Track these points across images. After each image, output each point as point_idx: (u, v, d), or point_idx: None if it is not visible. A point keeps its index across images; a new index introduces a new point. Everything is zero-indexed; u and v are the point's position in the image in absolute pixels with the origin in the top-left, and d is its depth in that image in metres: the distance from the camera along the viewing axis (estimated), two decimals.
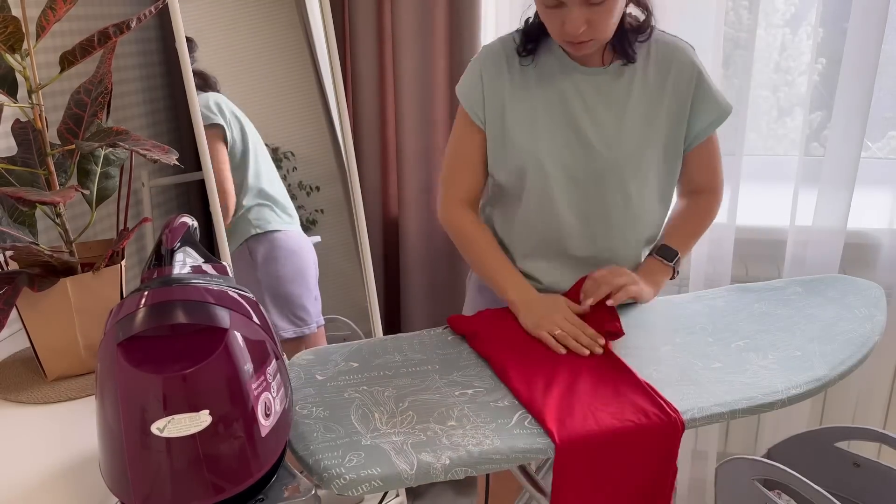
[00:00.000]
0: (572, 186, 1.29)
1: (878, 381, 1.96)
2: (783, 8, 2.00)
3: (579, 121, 1.26)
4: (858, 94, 1.74)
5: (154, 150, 1.07)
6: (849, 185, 1.80)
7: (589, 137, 1.26)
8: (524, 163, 1.28)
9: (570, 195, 1.29)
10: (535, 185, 1.29)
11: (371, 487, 0.87)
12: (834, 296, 1.37)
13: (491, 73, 1.29)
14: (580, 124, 1.26)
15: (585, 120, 1.26)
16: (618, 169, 1.27)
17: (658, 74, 1.27)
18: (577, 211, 1.31)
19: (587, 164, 1.27)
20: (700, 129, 1.31)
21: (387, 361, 1.16)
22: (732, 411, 1.03)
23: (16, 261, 1.12)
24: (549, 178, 1.28)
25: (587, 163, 1.27)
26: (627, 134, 1.26)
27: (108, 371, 0.79)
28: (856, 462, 1.58)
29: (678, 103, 1.28)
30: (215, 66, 1.80)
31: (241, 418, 0.79)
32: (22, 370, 1.20)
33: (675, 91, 1.27)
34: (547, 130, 1.26)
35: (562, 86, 1.27)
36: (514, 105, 1.28)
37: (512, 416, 1.01)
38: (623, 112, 1.26)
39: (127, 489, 0.78)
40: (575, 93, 1.26)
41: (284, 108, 1.94)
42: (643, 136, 1.27)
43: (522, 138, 1.27)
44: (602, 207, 1.30)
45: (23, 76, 1.08)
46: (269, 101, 1.92)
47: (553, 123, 1.26)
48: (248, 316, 0.85)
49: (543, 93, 1.27)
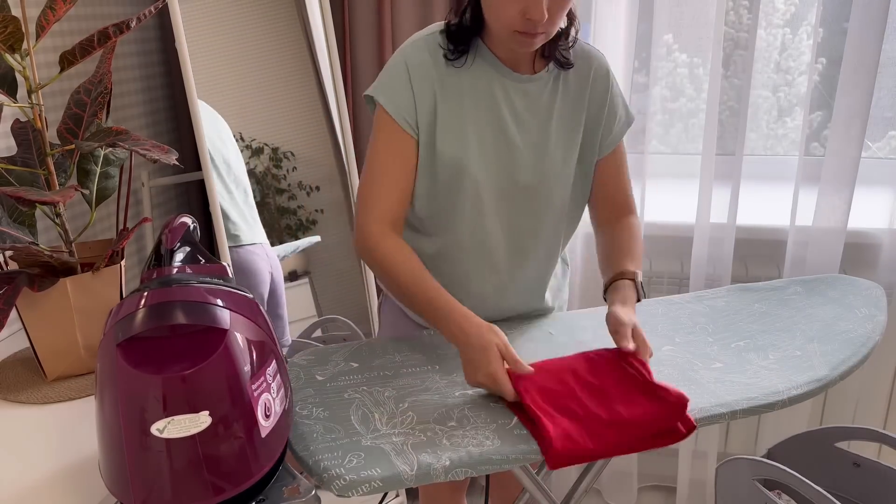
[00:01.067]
0: (501, 197, 1.23)
1: (878, 381, 1.96)
2: (783, 8, 2.00)
3: (507, 128, 1.21)
4: (858, 94, 1.74)
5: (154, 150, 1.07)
6: (849, 185, 1.80)
7: (517, 144, 1.21)
8: (453, 173, 1.20)
9: (497, 206, 1.23)
10: (465, 198, 1.21)
11: (371, 488, 0.87)
12: (834, 296, 1.37)
13: (420, 75, 1.17)
14: (508, 132, 1.21)
15: (513, 127, 1.21)
16: (546, 179, 1.23)
17: (579, 83, 1.24)
18: (504, 224, 1.25)
19: (516, 174, 1.22)
20: (612, 137, 1.28)
21: (387, 362, 1.16)
22: (733, 412, 1.03)
23: (16, 261, 1.12)
24: (479, 187, 1.21)
25: (516, 173, 1.22)
26: (553, 145, 1.23)
27: (107, 372, 0.79)
28: (856, 462, 1.58)
29: (595, 111, 1.25)
30: (215, 66, 1.80)
31: (240, 419, 0.79)
32: (22, 370, 1.20)
33: (592, 99, 1.25)
34: (477, 138, 1.20)
35: (493, 91, 1.20)
36: (444, 111, 1.19)
37: (512, 416, 1.01)
38: (549, 121, 1.23)
39: (126, 490, 0.78)
40: (505, 99, 1.21)
41: (284, 108, 1.94)
42: (567, 145, 1.24)
43: (452, 147, 1.19)
44: (528, 222, 1.25)
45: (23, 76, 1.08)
46: (269, 102, 1.92)
47: (483, 131, 1.20)
48: (248, 316, 0.85)
49: (473, 98, 1.20)
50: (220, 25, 1.81)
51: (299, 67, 1.94)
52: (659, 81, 1.96)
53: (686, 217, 1.93)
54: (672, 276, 2.00)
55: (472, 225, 1.24)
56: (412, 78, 1.17)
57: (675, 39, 2.01)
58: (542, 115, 1.22)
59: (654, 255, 2.01)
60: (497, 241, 1.26)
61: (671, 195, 2.04)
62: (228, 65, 1.84)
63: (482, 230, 1.24)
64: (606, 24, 1.81)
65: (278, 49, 1.91)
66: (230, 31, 1.83)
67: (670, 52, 2.04)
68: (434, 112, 1.18)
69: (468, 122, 1.20)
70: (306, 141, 1.98)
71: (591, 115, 1.25)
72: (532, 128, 1.22)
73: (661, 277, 2.02)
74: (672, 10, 1.93)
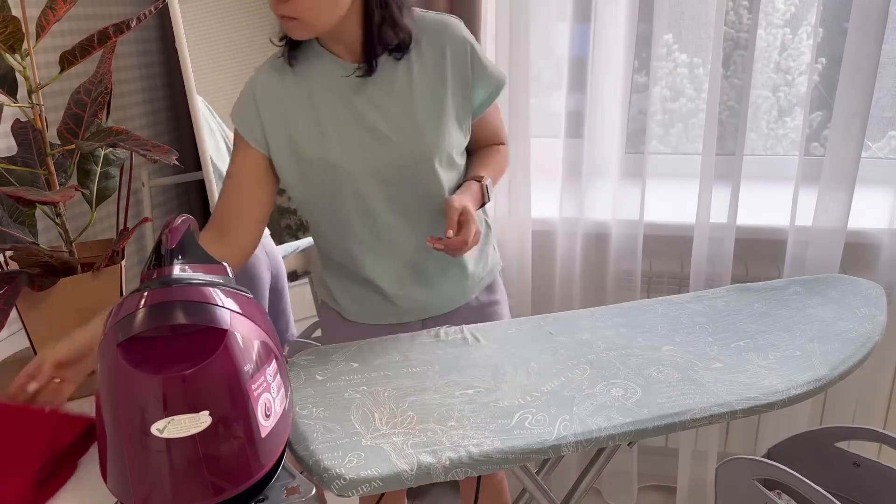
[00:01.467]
0: (384, 186, 1.24)
1: (878, 381, 1.96)
2: (783, 8, 2.00)
3: (367, 117, 1.22)
4: (858, 94, 1.74)
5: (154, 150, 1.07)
6: (849, 185, 1.80)
7: (385, 133, 1.22)
8: (325, 175, 1.23)
9: (384, 195, 1.25)
10: (347, 196, 1.24)
11: (371, 488, 0.87)
12: (834, 296, 1.37)
13: (266, 97, 1.22)
14: (372, 122, 1.22)
15: (373, 114, 1.22)
16: (425, 158, 1.24)
17: (435, 55, 1.24)
18: (398, 209, 1.27)
19: (391, 160, 1.23)
20: (482, 99, 1.30)
21: (387, 362, 1.16)
22: (733, 411, 1.03)
23: (16, 261, 1.12)
24: (357, 182, 1.23)
25: (391, 160, 1.23)
26: (423, 121, 1.23)
27: (107, 371, 0.79)
28: (856, 462, 1.58)
29: (461, 78, 1.26)
30: (215, 66, 1.80)
31: (241, 419, 0.79)
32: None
33: (454, 67, 1.25)
34: (336, 135, 1.22)
35: (340, 86, 1.22)
36: (298, 120, 1.22)
37: (512, 416, 1.01)
38: (411, 100, 1.23)
39: (127, 490, 0.78)
40: (356, 90, 1.22)
41: None
42: (437, 120, 1.24)
43: (314, 150, 1.22)
44: (421, 201, 1.27)
45: (23, 76, 1.08)
46: None
47: (341, 127, 1.22)
48: (248, 316, 0.85)
49: (325, 98, 1.22)
50: (220, 25, 1.81)
51: None
52: (659, 81, 1.96)
53: (686, 217, 1.93)
54: (672, 276, 2.00)
55: (364, 220, 1.26)
56: (258, 103, 1.22)
57: (675, 39, 2.01)
58: (402, 95, 1.23)
59: (654, 255, 2.00)
60: (398, 227, 1.28)
61: (671, 195, 2.04)
62: (228, 65, 1.84)
63: (376, 222, 1.26)
64: (606, 24, 1.81)
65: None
66: (230, 31, 1.83)
67: (670, 52, 2.04)
68: (288, 125, 1.22)
69: (326, 122, 1.21)
70: None
71: (457, 84, 1.26)
72: (395, 110, 1.23)
73: (661, 277, 2.02)
74: (672, 10, 1.93)
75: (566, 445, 0.96)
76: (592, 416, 1.01)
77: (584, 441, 0.97)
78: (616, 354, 1.18)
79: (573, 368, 1.14)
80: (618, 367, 1.14)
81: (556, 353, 1.19)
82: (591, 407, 1.03)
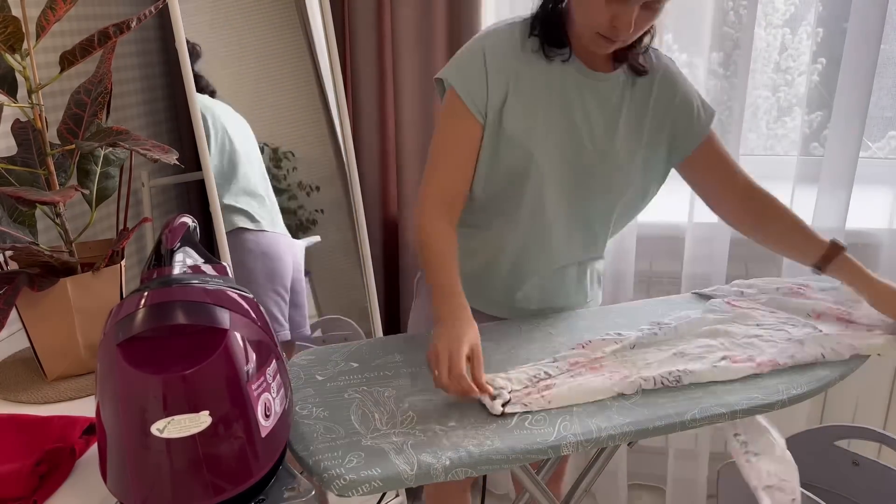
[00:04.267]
0: (561, 190, 1.26)
1: (878, 381, 1.96)
2: (783, 8, 2.00)
3: (576, 122, 1.24)
4: (858, 94, 1.74)
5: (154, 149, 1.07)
6: (848, 185, 1.80)
7: (582, 138, 1.24)
8: (519, 160, 1.23)
9: (559, 198, 1.26)
10: (528, 187, 1.25)
11: (371, 488, 0.87)
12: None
13: (496, 62, 1.20)
14: (577, 125, 1.24)
15: (582, 124, 1.24)
16: (605, 175, 1.25)
17: (642, 90, 1.26)
18: (565, 214, 1.28)
19: (576, 166, 1.24)
20: (692, 134, 1.29)
21: (387, 362, 1.16)
22: (733, 412, 1.03)
23: (16, 261, 1.11)
24: (543, 176, 1.23)
25: (576, 165, 1.24)
26: (618, 141, 1.25)
27: (107, 372, 0.79)
28: (855, 461, 1.58)
29: (660, 116, 1.27)
30: (215, 66, 1.80)
31: (241, 419, 0.79)
32: (22, 370, 1.20)
33: (657, 104, 1.26)
34: (545, 129, 1.23)
35: (566, 85, 1.23)
36: (516, 99, 1.21)
37: (512, 416, 1.01)
38: (616, 120, 1.25)
39: (127, 490, 0.78)
40: (578, 95, 1.23)
41: (284, 109, 1.94)
42: (631, 147, 1.26)
43: (521, 133, 1.21)
44: (585, 215, 1.28)
45: (23, 76, 1.08)
46: (269, 102, 1.92)
47: (552, 122, 1.23)
48: (248, 316, 0.85)
49: (548, 90, 1.22)
50: (220, 25, 1.81)
51: (299, 67, 1.94)
52: None
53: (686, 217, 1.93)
54: (672, 276, 2.00)
55: (532, 212, 1.26)
56: (487, 64, 1.20)
57: (674, 39, 2.01)
58: (610, 115, 1.24)
59: (654, 255, 2.01)
60: (557, 231, 1.28)
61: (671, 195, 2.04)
62: (228, 65, 1.84)
63: (543, 217, 1.27)
64: None
65: (278, 49, 1.91)
66: (230, 31, 1.83)
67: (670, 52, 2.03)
68: (505, 99, 1.21)
69: (540, 112, 1.22)
70: (306, 141, 1.98)
71: (656, 116, 1.27)
72: (599, 127, 1.24)
73: (661, 277, 2.02)
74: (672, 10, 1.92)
75: (566, 445, 0.96)
76: (592, 417, 1.01)
77: (584, 441, 0.96)
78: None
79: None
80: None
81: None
82: (591, 407, 1.03)
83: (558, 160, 1.24)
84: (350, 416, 1.00)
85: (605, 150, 1.24)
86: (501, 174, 1.25)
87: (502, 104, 1.21)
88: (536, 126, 1.22)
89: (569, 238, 1.31)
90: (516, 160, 1.23)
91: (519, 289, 1.35)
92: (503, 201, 1.28)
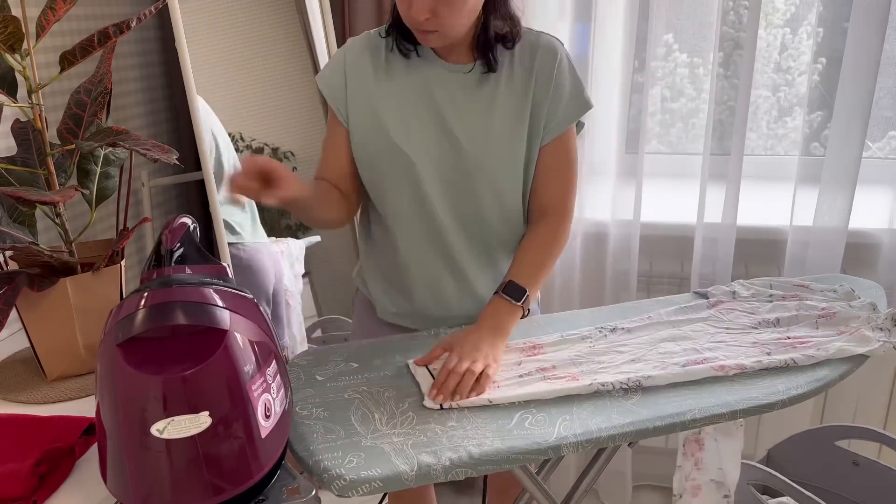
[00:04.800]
0: (446, 186, 1.25)
1: (878, 381, 1.96)
2: (783, 8, 2.00)
3: (447, 116, 1.22)
4: (858, 94, 1.74)
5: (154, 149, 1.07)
6: (849, 185, 1.80)
7: (456, 134, 1.22)
8: (395, 160, 1.23)
9: (444, 194, 1.25)
10: (407, 185, 1.24)
11: (371, 488, 0.87)
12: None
13: (356, 66, 1.24)
14: (448, 120, 1.22)
15: (453, 115, 1.23)
16: (486, 167, 1.24)
17: (523, 73, 1.24)
18: (452, 211, 1.27)
19: (456, 161, 1.23)
20: (557, 121, 1.26)
21: (387, 362, 1.16)
22: (733, 412, 1.03)
23: (16, 261, 1.12)
24: (421, 176, 1.23)
25: (456, 161, 1.23)
26: (495, 132, 1.23)
27: (107, 372, 0.79)
28: (855, 461, 1.58)
29: (540, 98, 1.25)
30: (215, 66, 1.80)
31: (241, 419, 0.79)
32: (22, 370, 1.20)
33: (538, 86, 1.24)
34: (417, 125, 1.23)
35: (430, 82, 1.23)
36: (383, 100, 1.23)
37: (512, 416, 1.01)
38: (490, 110, 1.23)
39: (126, 490, 0.78)
40: (443, 90, 1.23)
41: (284, 108, 1.94)
42: (512, 135, 1.24)
43: (394, 135, 1.22)
44: (475, 207, 1.27)
45: (23, 76, 1.08)
46: (269, 101, 1.92)
47: (422, 118, 1.23)
48: (248, 317, 0.85)
49: (412, 90, 1.23)
50: (220, 25, 1.81)
51: (299, 67, 1.94)
52: (659, 81, 1.96)
53: (686, 217, 1.93)
54: (672, 277, 2.00)
55: (419, 212, 1.26)
56: (347, 67, 1.24)
57: (675, 39, 2.01)
58: (482, 104, 1.23)
59: (654, 256, 2.00)
60: (452, 230, 1.27)
61: (671, 195, 2.04)
62: (228, 65, 1.84)
63: (432, 219, 1.26)
64: (606, 24, 1.81)
65: (278, 49, 1.91)
66: (230, 31, 1.83)
67: (670, 52, 2.03)
68: (372, 102, 1.23)
69: (410, 113, 1.22)
70: (306, 141, 1.98)
71: (536, 103, 1.25)
72: (474, 118, 1.23)
73: (662, 277, 2.02)
74: (672, 10, 1.93)
75: (566, 446, 0.96)
76: (593, 417, 1.01)
77: (584, 441, 0.96)
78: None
79: None
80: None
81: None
82: (591, 407, 1.03)
83: (437, 159, 1.23)
84: (350, 417, 1.00)
85: (479, 140, 1.23)
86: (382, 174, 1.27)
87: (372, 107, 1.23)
88: (409, 129, 1.22)
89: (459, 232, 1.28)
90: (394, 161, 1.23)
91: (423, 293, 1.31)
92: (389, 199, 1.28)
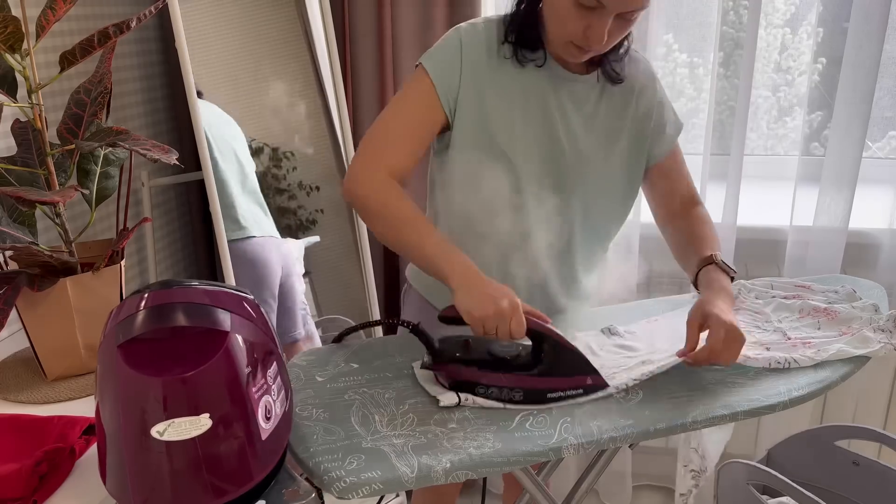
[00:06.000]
0: (538, 189, 1.23)
1: (878, 381, 1.96)
2: (783, 8, 2.00)
3: (556, 126, 1.22)
4: (859, 94, 1.74)
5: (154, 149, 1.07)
6: (849, 185, 1.80)
7: (562, 143, 1.22)
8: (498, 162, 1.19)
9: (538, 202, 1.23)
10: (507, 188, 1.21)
11: (371, 490, 0.87)
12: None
13: (471, 57, 1.18)
14: (556, 129, 1.22)
15: (560, 126, 1.22)
16: (581, 176, 1.24)
17: (622, 93, 1.25)
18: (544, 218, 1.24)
19: (553, 166, 1.22)
20: (664, 144, 1.29)
21: (387, 363, 1.16)
22: (734, 413, 1.03)
23: (15, 261, 1.11)
24: (521, 181, 1.21)
25: (553, 166, 1.22)
26: (593, 143, 1.23)
27: (108, 373, 0.79)
28: (855, 461, 1.58)
29: (640, 122, 1.26)
30: (215, 66, 1.79)
31: (241, 421, 0.79)
32: (22, 370, 1.19)
33: (637, 110, 1.26)
34: (524, 133, 1.20)
35: (543, 87, 1.21)
36: (495, 101, 1.19)
37: (513, 418, 1.00)
38: (592, 122, 1.23)
39: (126, 492, 0.78)
40: (555, 98, 1.22)
41: (284, 109, 1.94)
42: (607, 149, 1.25)
43: (502, 136, 1.19)
44: (568, 215, 1.26)
45: (23, 76, 1.08)
46: (268, 102, 1.91)
47: (531, 127, 1.21)
48: (249, 318, 0.84)
49: (524, 92, 1.20)
50: (220, 25, 1.81)
51: (299, 67, 1.94)
52: None
53: None
54: (672, 277, 2.00)
55: (513, 218, 1.22)
56: (465, 54, 1.18)
57: (675, 39, 2.01)
58: (586, 116, 1.23)
59: (654, 256, 2.00)
60: (536, 235, 1.24)
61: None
62: (228, 65, 1.83)
63: (522, 223, 1.23)
64: None
65: (278, 49, 1.91)
66: (230, 31, 1.83)
67: (670, 52, 2.03)
68: (483, 99, 1.19)
69: (519, 117, 1.20)
70: (306, 141, 1.98)
71: (636, 125, 1.26)
72: (577, 129, 1.23)
73: (662, 277, 2.02)
74: (672, 10, 1.93)
75: (567, 448, 0.95)
76: (594, 418, 1.00)
77: (585, 443, 0.96)
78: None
79: None
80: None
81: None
82: (592, 408, 1.03)
83: (541, 167, 1.22)
84: (350, 418, 1.00)
85: (583, 150, 1.23)
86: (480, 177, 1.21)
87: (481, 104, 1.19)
88: (517, 132, 1.20)
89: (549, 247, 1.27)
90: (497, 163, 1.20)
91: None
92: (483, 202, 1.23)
